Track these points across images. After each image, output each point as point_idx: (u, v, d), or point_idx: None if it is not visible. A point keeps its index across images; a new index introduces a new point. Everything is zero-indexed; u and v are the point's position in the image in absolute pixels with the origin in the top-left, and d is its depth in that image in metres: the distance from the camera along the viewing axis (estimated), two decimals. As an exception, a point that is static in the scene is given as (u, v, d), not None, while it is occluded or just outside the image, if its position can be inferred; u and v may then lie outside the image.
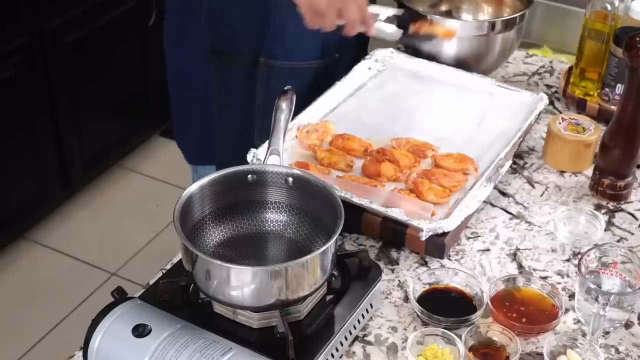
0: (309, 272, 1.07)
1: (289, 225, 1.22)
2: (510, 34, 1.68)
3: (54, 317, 2.52)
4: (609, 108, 1.63)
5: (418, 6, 1.73)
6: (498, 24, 1.66)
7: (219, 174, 1.19)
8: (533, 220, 1.41)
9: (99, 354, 1.06)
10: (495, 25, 1.66)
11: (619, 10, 1.61)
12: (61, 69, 2.65)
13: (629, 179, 1.46)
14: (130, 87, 3.00)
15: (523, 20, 1.71)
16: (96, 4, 2.73)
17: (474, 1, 1.85)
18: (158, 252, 2.75)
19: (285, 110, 1.30)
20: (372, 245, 1.34)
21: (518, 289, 1.23)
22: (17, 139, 2.57)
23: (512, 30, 1.68)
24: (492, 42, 1.67)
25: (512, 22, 1.68)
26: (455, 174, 1.41)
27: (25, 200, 2.68)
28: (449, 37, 1.60)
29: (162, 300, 1.12)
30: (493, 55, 1.70)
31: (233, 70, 1.65)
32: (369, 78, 1.68)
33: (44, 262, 2.72)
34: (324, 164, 1.44)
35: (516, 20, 1.68)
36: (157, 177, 3.08)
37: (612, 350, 1.18)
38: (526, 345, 1.17)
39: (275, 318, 1.09)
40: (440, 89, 1.64)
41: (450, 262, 1.32)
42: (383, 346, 1.17)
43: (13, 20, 2.48)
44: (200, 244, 1.18)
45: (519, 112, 1.56)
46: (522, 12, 1.69)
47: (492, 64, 1.73)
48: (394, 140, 1.50)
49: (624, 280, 1.22)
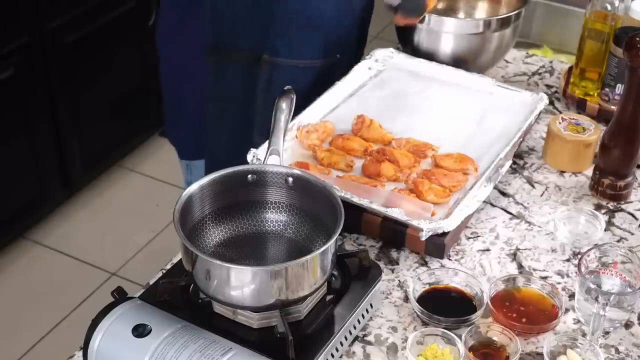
0: (309, 272, 1.07)
1: (289, 225, 1.22)
2: (506, 32, 1.69)
3: (54, 317, 2.52)
4: (609, 108, 1.63)
5: None
6: (494, 23, 1.67)
7: (219, 174, 1.19)
8: (533, 220, 1.41)
9: (99, 354, 1.06)
10: (492, 24, 1.67)
11: (619, 10, 1.61)
12: (61, 69, 2.65)
13: (629, 179, 1.46)
14: (130, 87, 3.00)
15: (519, 18, 1.72)
16: (96, 4, 2.72)
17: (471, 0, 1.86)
18: (158, 252, 2.74)
19: (285, 110, 1.30)
20: (372, 245, 1.34)
21: (518, 289, 1.23)
22: (17, 139, 2.57)
23: (508, 29, 1.69)
24: (488, 40, 1.68)
25: (508, 21, 1.69)
26: (455, 174, 1.41)
27: (25, 200, 2.68)
28: None
29: (162, 300, 1.12)
30: (489, 54, 1.71)
31: (231, 66, 1.65)
32: (369, 78, 1.68)
33: (44, 262, 2.72)
34: (324, 164, 1.44)
35: (512, 18, 1.69)
36: (157, 177, 3.08)
37: (612, 350, 1.18)
38: (526, 345, 1.17)
39: (275, 318, 1.09)
40: (440, 89, 1.64)
41: (450, 262, 1.32)
42: (383, 346, 1.17)
43: (13, 20, 2.48)
44: (200, 244, 1.18)
45: (519, 112, 1.56)
46: (518, 11, 1.70)
47: (488, 62, 1.73)
48: (394, 140, 1.50)
49: (624, 280, 1.22)
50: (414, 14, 1.51)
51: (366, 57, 1.70)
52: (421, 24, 1.54)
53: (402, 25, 1.62)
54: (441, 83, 1.65)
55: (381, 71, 1.70)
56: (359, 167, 1.44)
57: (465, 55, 1.69)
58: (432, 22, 1.66)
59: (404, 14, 1.53)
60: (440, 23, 1.66)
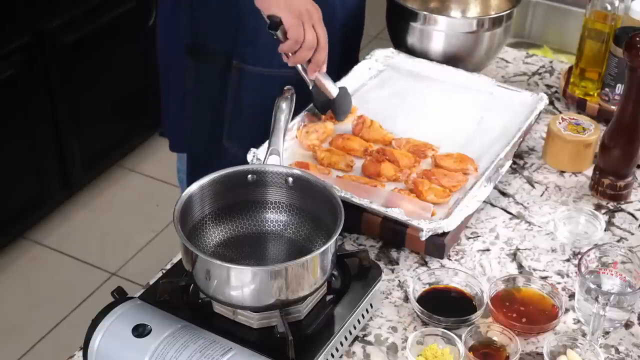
0: (309, 272, 1.07)
1: (289, 225, 1.22)
2: (498, 31, 1.69)
3: (54, 317, 2.52)
4: (609, 108, 1.63)
5: (409, 3, 1.75)
6: (486, 22, 1.67)
7: (219, 174, 1.19)
8: (533, 220, 1.41)
9: (99, 354, 1.06)
10: (484, 23, 1.67)
11: (619, 10, 1.61)
12: (61, 69, 2.65)
13: (629, 179, 1.46)
14: (130, 87, 3.00)
15: (511, 18, 1.72)
16: (96, 4, 2.72)
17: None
18: (158, 252, 2.74)
19: (285, 110, 1.30)
20: (372, 245, 1.34)
21: (518, 289, 1.23)
22: (17, 139, 2.57)
23: (500, 28, 1.70)
24: (480, 39, 1.68)
25: (499, 20, 1.69)
26: (455, 174, 1.41)
27: (25, 200, 2.68)
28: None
29: (162, 300, 1.13)
30: (481, 53, 1.71)
31: (207, 68, 1.65)
32: (369, 78, 1.68)
33: (44, 262, 2.72)
34: (324, 164, 1.44)
35: (504, 18, 1.70)
36: (157, 177, 3.08)
37: (612, 350, 1.18)
38: (526, 345, 1.17)
39: (275, 318, 1.09)
40: (441, 89, 1.64)
41: (450, 262, 1.32)
42: (383, 346, 1.17)
43: (13, 20, 2.48)
44: (200, 244, 1.18)
45: (519, 112, 1.56)
46: (510, 10, 1.71)
47: (480, 62, 1.74)
48: (394, 140, 1.50)
49: (624, 280, 1.22)
50: (340, 118, 1.54)
51: (366, 57, 1.70)
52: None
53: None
54: (441, 83, 1.65)
55: (381, 71, 1.70)
56: (359, 167, 1.44)
57: (457, 55, 1.69)
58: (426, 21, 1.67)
59: (333, 114, 1.55)
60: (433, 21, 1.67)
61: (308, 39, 1.41)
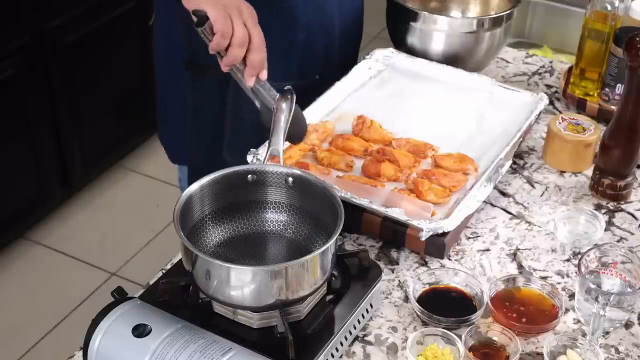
0: (309, 272, 1.07)
1: (289, 225, 1.22)
2: (498, 31, 1.70)
3: (54, 317, 2.52)
4: (609, 108, 1.63)
5: (409, 3, 1.75)
6: (486, 22, 1.68)
7: (219, 174, 1.19)
8: (533, 220, 1.41)
9: (99, 354, 1.06)
10: (484, 23, 1.67)
11: (619, 10, 1.61)
12: (61, 69, 2.65)
13: (629, 179, 1.46)
14: (130, 87, 3.00)
15: (511, 18, 1.73)
16: (96, 4, 2.72)
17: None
18: (158, 252, 2.74)
19: (285, 110, 1.30)
20: (372, 245, 1.34)
21: (518, 289, 1.23)
22: (17, 138, 2.57)
23: (500, 28, 1.70)
24: (480, 39, 1.69)
25: (500, 20, 1.69)
26: (455, 174, 1.41)
27: (25, 200, 2.68)
28: None
29: (162, 300, 1.12)
30: (481, 53, 1.71)
31: (206, 81, 1.63)
32: (369, 78, 1.68)
33: (44, 262, 2.72)
34: (324, 164, 1.44)
35: (504, 18, 1.70)
36: (157, 177, 3.08)
37: (612, 350, 1.18)
38: (526, 345, 1.17)
39: (275, 318, 1.09)
40: (440, 89, 1.64)
41: (450, 262, 1.32)
42: (383, 346, 1.17)
43: (13, 20, 2.48)
44: (200, 244, 1.18)
45: (519, 112, 1.56)
46: (510, 10, 1.71)
47: (480, 62, 1.74)
48: (394, 140, 1.50)
49: (624, 280, 1.22)
50: (294, 142, 1.41)
51: (366, 57, 1.70)
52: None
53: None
54: (441, 83, 1.65)
55: (381, 71, 1.70)
56: (359, 167, 1.44)
57: (457, 55, 1.70)
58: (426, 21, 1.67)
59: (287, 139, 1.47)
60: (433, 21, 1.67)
61: (237, 34, 1.26)
